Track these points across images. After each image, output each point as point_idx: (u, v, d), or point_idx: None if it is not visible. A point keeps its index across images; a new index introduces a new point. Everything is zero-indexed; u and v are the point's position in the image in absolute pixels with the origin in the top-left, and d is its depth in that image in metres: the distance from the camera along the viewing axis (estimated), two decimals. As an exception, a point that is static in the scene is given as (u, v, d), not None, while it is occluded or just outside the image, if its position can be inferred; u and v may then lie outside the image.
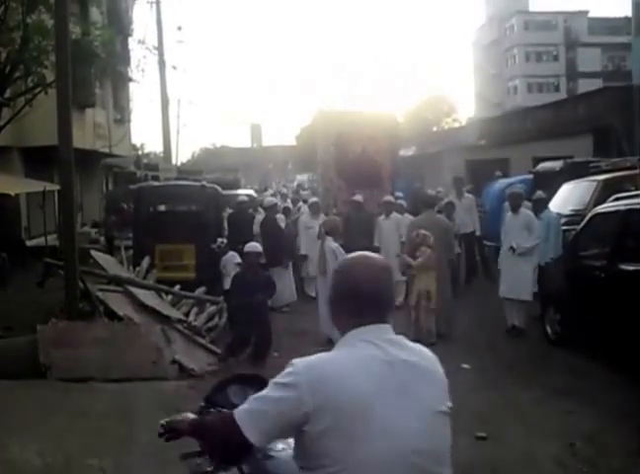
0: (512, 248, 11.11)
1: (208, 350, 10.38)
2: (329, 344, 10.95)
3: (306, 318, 12.22)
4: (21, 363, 8.97)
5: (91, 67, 20.42)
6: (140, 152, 44.91)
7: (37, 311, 10.52)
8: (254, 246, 10.54)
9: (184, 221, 14.52)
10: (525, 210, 11.46)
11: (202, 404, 3.31)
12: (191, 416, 2.98)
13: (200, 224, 14.07)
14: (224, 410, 3.12)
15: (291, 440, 2.75)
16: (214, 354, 10.33)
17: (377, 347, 2.71)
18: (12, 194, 18.36)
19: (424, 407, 2.68)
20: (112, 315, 9.98)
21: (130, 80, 30.45)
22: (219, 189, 15.67)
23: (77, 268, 10.27)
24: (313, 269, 13.08)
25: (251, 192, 22.42)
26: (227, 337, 10.80)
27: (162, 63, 30.94)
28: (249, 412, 2.64)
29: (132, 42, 26.48)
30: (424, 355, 2.85)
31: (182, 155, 72.68)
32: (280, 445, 3.12)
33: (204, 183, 16.43)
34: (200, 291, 12.41)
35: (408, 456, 2.59)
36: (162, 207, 15.25)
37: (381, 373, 2.65)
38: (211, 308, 11.90)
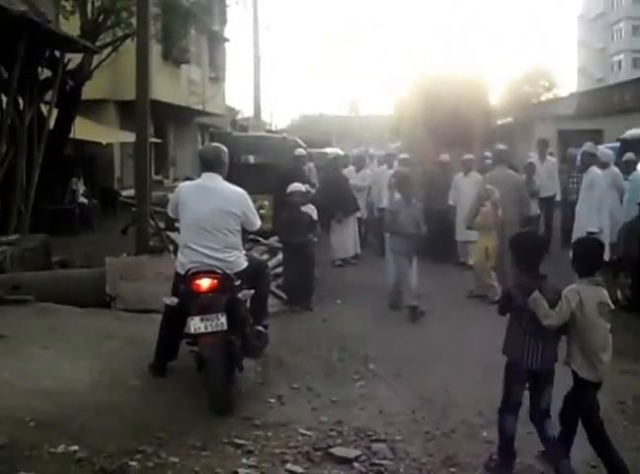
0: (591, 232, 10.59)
1: (273, 293, 10.44)
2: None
3: (374, 270, 12.11)
4: (89, 293, 9.26)
5: (184, 23, 20.67)
6: (239, 116, 45.31)
7: (115, 253, 10.77)
8: (297, 186, 10.73)
9: (263, 172, 14.50)
10: (594, 169, 10.90)
11: None
12: None
13: (280, 175, 13.98)
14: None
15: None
16: (278, 297, 10.42)
17: (202, 179, 6.49)
18: (103, 142, 18.86)
19: (212, 205, 6.22)
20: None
21: (226, 40, 30.66)
22: (300, 141, 15.59)
23: (148, 207, 10.51)
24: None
25: (338, 150, 22.32)
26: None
27: (256, 20, 30.63)
28: (169, 206, 6.70)
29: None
30: (226, 189, 6.38)
31: (281, 122, 72.78)
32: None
33: (285, 135, 16.41)
34: (273, 240, 12.46)
35: (199, 222, 6.21)
36: (242, 157, 15.26)
37: (196, 189, 6.46)
38: (281, 256, 11.94)
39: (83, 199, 19.30)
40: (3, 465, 4.56)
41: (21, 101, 14.06)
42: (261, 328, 6.75)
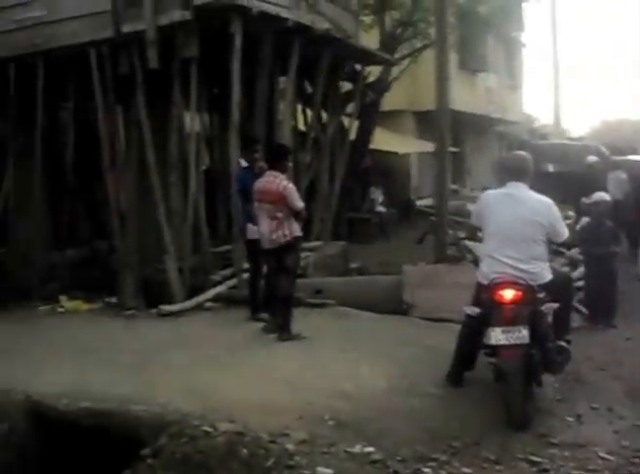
0: None
1: (574, 307, 10.03)
2: None
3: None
4: (386, 300, 9.59)
5: (482, 31, 20.62)
6: (537, 123, 44.35)
7: (411, 262, 10.98)
8: (602, 196, 10.19)
9: (563, 181, 14.07)
10: None
11: None
12: None
13: (580, 183, 13.47)
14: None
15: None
16: (579, 312, 10.00)
17: (507, 188, 6.30)
18: (399, 152, 19.30)
19: (518, 214, 6.05)
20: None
21: (523, 45, 30.08)
22: (603, 149, 14.93)
23: (446, 216, 10.58)
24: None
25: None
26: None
27: (554, 27, 29.78)
28: (473, 215, 6.92)
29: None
30: (532, 198, 6.17)
31: (579, 129, 70.02)
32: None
33: (587, 142, 15.82)
34: (574, 252, 12.00)
35: (504, 231, 6.08)
36: (541, 166, 14.90)
37: (501, 197, 6.30)
38: (582, 269, 11.46)
39: (381, 208, 19.88)
40: (303, 459, 4.79)
41: (324, 114, 14.81)
42: (563, 343, 6.50)
